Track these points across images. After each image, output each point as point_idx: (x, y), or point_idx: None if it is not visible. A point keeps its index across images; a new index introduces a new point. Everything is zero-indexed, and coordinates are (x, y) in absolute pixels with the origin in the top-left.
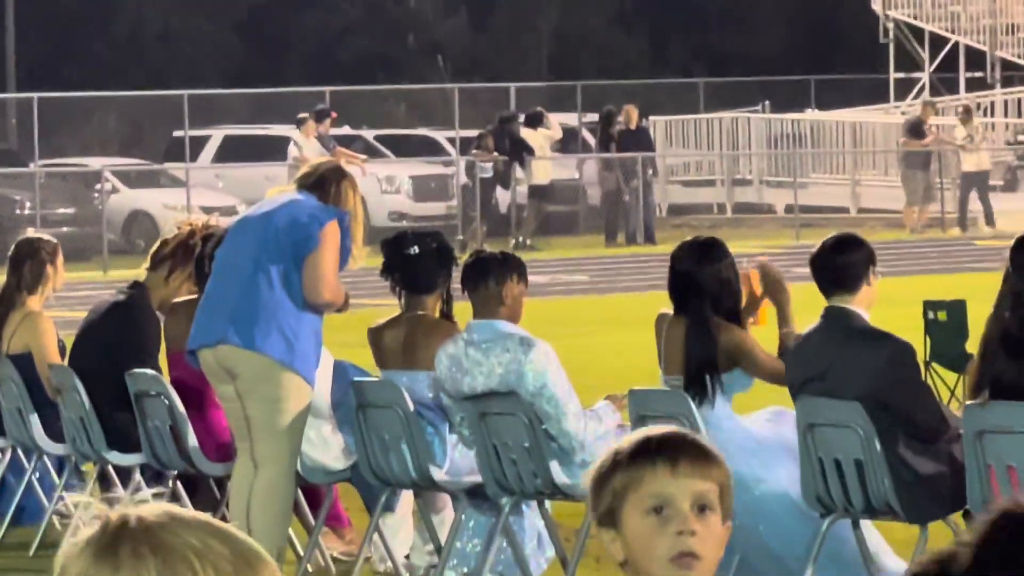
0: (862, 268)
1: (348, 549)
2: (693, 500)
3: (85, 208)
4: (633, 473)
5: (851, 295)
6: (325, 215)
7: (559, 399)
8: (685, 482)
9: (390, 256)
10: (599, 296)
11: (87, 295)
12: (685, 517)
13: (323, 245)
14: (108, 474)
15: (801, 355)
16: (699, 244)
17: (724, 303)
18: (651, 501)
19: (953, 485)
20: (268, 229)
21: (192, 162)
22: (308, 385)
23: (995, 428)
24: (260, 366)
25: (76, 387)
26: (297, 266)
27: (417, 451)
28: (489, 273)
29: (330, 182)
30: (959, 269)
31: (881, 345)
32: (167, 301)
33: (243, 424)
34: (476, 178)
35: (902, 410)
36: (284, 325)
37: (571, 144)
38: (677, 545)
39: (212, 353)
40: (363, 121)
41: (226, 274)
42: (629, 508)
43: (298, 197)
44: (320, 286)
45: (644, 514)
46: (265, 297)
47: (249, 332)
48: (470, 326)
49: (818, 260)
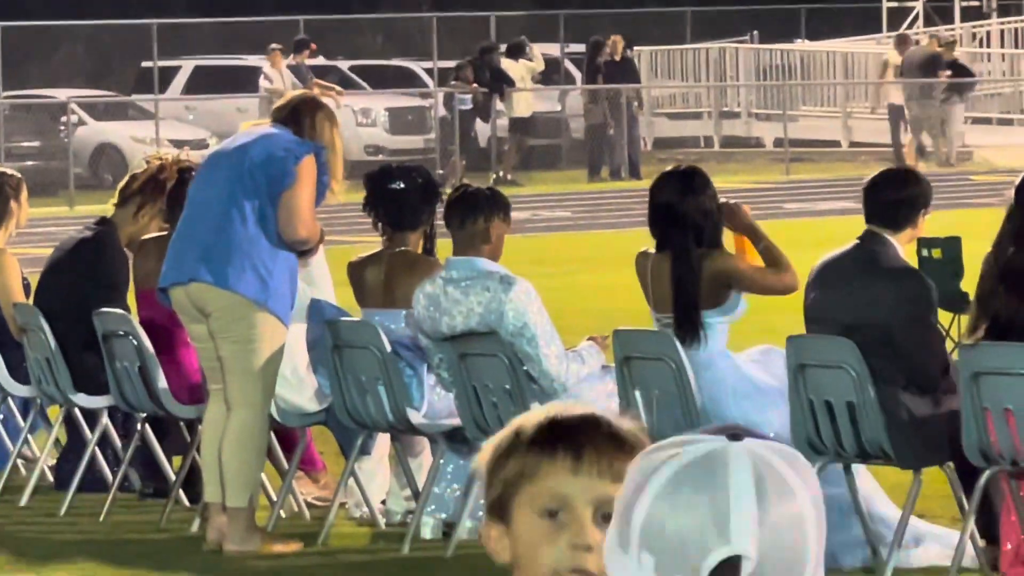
0: (912, 208)
1: (322, 494)
2: (596, 506)
3: (51, 141)
4: (529, 460)
5: (894, 232)
6: (301, 149)
7: (540, 339)
8: (588, 483)
9: (374, 190)
10: (582, 233)
11: (52, 231)
12: (582, 528)
13: (299, 181)
14: (75, 417)
15: (825, 276)
16: (679, 174)
17: (707, 234)
18: (546, 501)
19: (949, 430)
20: (242, 164)
21: (161, 93)
22: (283, 325)
23: (992, 370)
24: (233, 305)
25: (41, 327)
26: (272, 202)
27: (394, 393)
28: (478, 209)
29: (305, 114)
30: (954, 205)
31: (905, 280)
32: (136, 238)
33: (215, 365)
34: (455, 111)
35: (908, 350)
36: (258, 263)
37: (553, 76)
38: (570, 560)
39: (184, 291)
40: (338, 51)
41: (198, 210)
42: (520, 503)
43: (273, 131)
44: (296, 223)
45: (537, 514)
46: (239, 234)
47: (223, 270)
48: (449, 263)
49: (870, 191)
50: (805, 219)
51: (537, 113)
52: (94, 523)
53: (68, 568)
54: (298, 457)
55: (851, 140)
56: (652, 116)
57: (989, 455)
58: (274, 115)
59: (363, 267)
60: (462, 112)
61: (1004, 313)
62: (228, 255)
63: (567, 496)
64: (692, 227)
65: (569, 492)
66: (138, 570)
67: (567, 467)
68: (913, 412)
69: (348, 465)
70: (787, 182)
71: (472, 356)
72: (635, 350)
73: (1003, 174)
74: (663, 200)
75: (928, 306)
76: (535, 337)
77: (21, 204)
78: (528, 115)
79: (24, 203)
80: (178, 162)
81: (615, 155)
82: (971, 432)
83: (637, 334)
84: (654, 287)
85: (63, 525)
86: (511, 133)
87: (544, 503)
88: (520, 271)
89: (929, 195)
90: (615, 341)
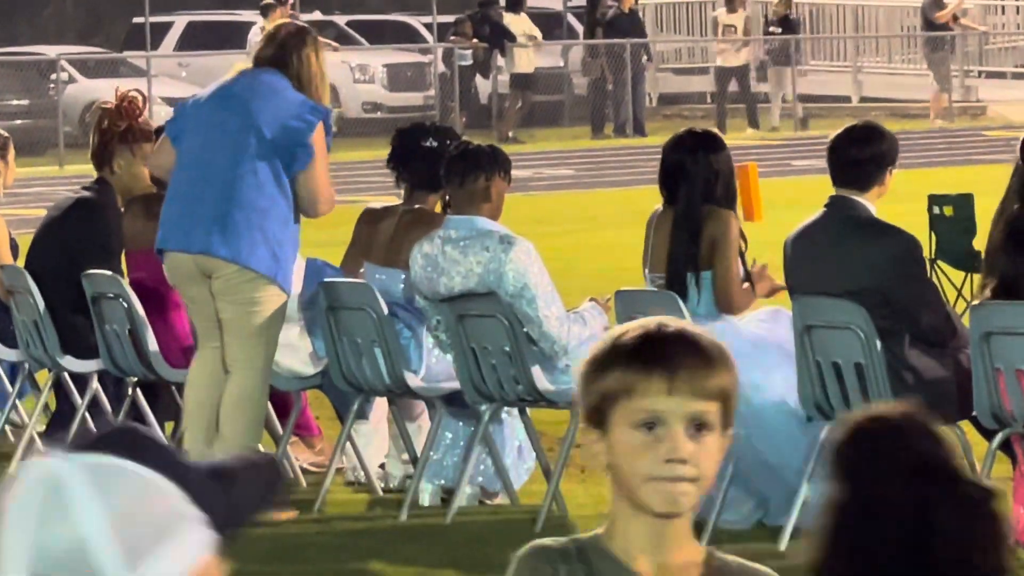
0: (877, 167)
1: (318, 459)
2: (689, 420)
3: (40, 99)
4: (626, 379)
5: (861, 192)
6: (313, 118)
7: (540, 301)
8: (681, 401)
9: (404, 146)
10: (585, 191)
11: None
12: (677, 442)
13: (315, 158)
14: (64, 382)
15: (800, 247)
16: (694, 134)
17: (717, 194)
18: (642, 416)
19: (959, 391)
20: (252, 128)
21: (153, 50)
22: (286, 294)
23: (1003, 329)
24: (244, 277)
25: (29, 288)
26: (287, 169)
27: (391, 355)
28: (479, 167)
29: (290, 53)
30: (967, 161)
31: (887, 238)
32: (130, 193)
33: (212, 323)
34: (454, 66)
35: (907, 309)
36: (270, 236)
37: (556, 30)
38: (664, 471)
39: (192, 258)
40: (335, 6)
41: (202, 171)
42: (618, 415)
43: (276, 84)
44: (319, 202)
45: (633, 426)
46: (253, 205)
47: (235, 244)
48: (448, 222)
49: (834, 149)
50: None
51: (539, 69)
52: None
53: None
54: (293, 422)
55: (862, 95)
56: (657, 71)
57: (1001, 417)
58: (259, 55)
59: (378, 217)
60: (462, 68)
61: (1010, 271)
62: (240, 228)
63: (662, 413)
64: (702, 183)
65: (664, 409)
66: None
67: (662, 388)
68: (921, 373)
69: (344, 430)
70: (795, 138)
71: (471, 317)
72: (638, 311)
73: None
74: (675, 158)
75: (919, 261)
76: (535, 298)
77: (8, 164)
78: (530, 71)
79: (11, 163)
80: (127, 100)
81: (619, 112)
82: (982, 394)
83: (640, 294)
84: (655, 243)
85: None
86: (512, 89)
87: (640, 418)
88: (521, 231)
89: (896, 150)
90: (617, 302)
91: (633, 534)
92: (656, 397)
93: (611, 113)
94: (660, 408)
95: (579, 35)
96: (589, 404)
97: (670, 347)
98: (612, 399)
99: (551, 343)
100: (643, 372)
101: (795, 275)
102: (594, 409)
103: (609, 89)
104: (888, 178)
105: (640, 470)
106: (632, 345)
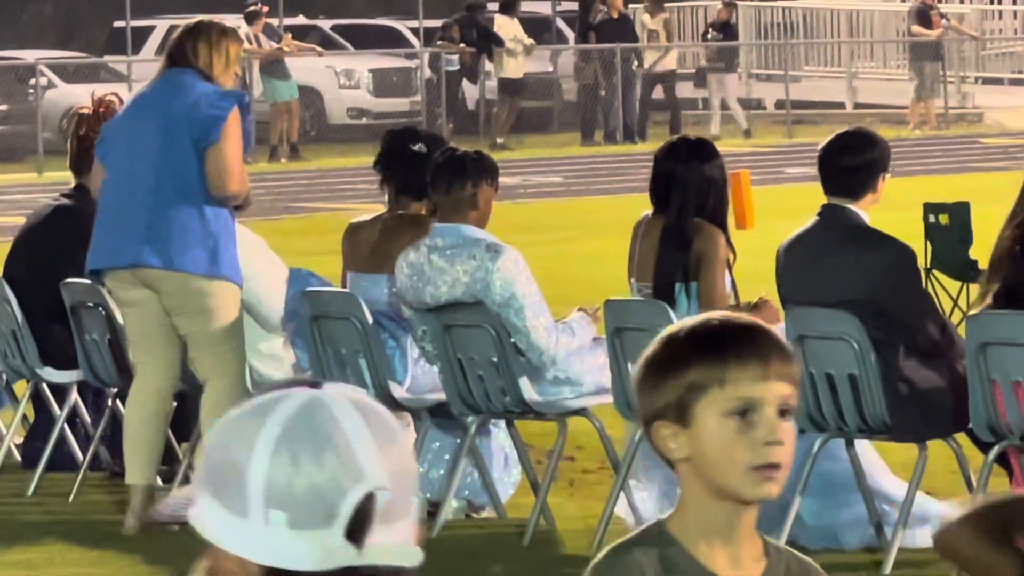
0: (869, 174)
1: None
2: (779, 405)
3: (18, 104)
4: (717, 368)
5: (853, 200)
6: (225, 104)
7: (528, 311)
8: (775, 385)
9: (393, 148)
10: (574, 199)
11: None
12: (773, 426)
13: (225, 134)
14: (43, 392)
15: (793, 256)
16: (687, 141)
17: (709, 204)
18: (736, 403)
19: (954, 402)
20: (167, 130)
21: (134, 55)
22: (236, 285)
23: (1000, 340)
24: (184, 281)
25: (7, 297)
26: (200, 159)
27: (376, 366)
28: (465, 174)
29: (186, 49)
30: (963, 169)
31: (881, 247)
32: None
33: (148, 332)
34: (441, 72)
35: (901, 320)
36: (201, 235)
37: (545, 35)
38: (762, 456)
39: (128, 272)
40: (319, 10)
41: (125, 183)
42: (705, 405)
43: (183, 80)
44: (226, 178)
45: (724, 415)
46: (177, 209)
47: (166, 251)
48: (435, 230)
49: (825, 157)
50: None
51: (528, 74)
52: (63, 503)
53: (36, 549)
54: None
55: (856, 101)
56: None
57: (997, 429)
58: (166, 60)
59: (360, 229)
60: (449, 73)
61: (1017, 278)
62: (169, 235)
63: (759, 399)
64: (694, 193)
65: (760, 396)
66: (108, 551)
67: (758, 374)
68: (916, 384)
69: None
70: (789, 145)
71: (457, 327)
72: (627, 321)
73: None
74: (667, 166)
75: (914, 271)
76: (523, 308)
77: None
78: (519, 76)
79: None
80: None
81: (610, 118)
82: (978, 406)
83: (629, 304)
84: (641, 251)
85: (31, 505)
86: (501, 95)
87: (734, 406)
88: (509, 239)
89: (888, 156)
90: (607, 312)
91: (708, 524)
92: (753, 384)
93: (601, 119)
94: (756, 395)
95: (568, 40)
96: (665, 400)
97: (756, 336)
98: (699, 390)
99: (539, 354)
100: (737, 360)
101: (788, 285)
102: (675, 403)
103: (602, 95)
104: (881, 184)
105: (739, 456)
106: (717, 336)
